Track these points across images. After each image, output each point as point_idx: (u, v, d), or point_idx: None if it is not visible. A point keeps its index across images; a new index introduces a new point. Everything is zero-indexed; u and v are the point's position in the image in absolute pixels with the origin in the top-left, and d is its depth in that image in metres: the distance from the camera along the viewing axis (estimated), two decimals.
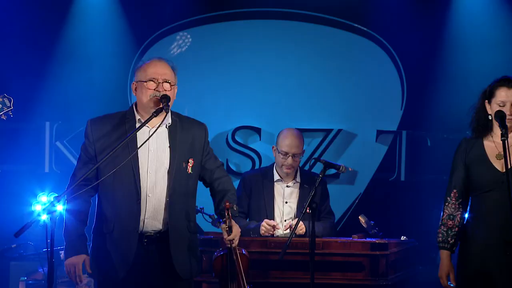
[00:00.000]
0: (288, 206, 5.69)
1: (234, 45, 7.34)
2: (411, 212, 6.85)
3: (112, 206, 4.23)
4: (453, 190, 4.35)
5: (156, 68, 4.25)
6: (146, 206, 4.20)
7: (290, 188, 5.72)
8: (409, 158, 7.20)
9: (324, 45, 7.30)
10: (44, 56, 7.20)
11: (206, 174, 4.41)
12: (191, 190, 4.32)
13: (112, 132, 4.25)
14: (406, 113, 7.24)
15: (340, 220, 7.12)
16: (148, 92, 4.22)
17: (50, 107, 7.21)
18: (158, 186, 4.22)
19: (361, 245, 5.27)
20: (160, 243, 4.21)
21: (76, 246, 4.22)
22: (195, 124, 4.39)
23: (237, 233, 4.31)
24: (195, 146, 4.32)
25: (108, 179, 4.17)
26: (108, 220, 4.22)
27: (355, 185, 7.29)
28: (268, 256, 5.24)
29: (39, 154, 7.29)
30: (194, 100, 7.11)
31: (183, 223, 4.25)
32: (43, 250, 6.08)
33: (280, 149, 5.65)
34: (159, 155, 4.24)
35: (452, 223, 4.34)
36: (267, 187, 5.71)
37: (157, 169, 4.22)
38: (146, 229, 4.21)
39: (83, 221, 4.25)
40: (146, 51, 7.33)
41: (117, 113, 4.37)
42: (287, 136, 5.68)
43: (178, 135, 4.28)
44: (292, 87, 7.29)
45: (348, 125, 7.27)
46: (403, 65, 7.21)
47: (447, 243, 4.33)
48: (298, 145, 5.66)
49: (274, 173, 5.75)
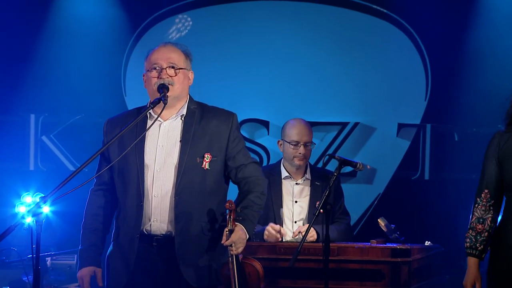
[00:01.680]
0: (298, 205, 5.69)
1: (239, 29, 7.34)
2: (437, 214, 6.85)
3: (121, 210, 4.29)
4: (484, 190, 4.32)
5: (159, 54, 4.26)
6: (152, 208, 4.22)
7: (300, 186, 5.72)
8: (434, 154, 7.19)
9: (340, 28, 7.30)
10: (29, 40, 7.21)
11: (231, 172, 4.36)
12: (210, 187, 4.27)
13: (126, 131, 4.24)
14: (430, 105, 7.23)
15: (357, 224, 7.12)
16: (152, 81, 4.24)
17: (35, 97, 7.22)
18: (164, 185, 4.23)
19: (381, 251, 5.26)
20: (170, 247, 4.22)
21: (86, 257, 4.29)
22: (219, 114, 4.36)
23: (236, 239, 4.22)
24: (216, 138, 4.29)
25: (118, 182, 4.26)
26: (117, 226, 4.30)
27: (374, 184, 7.29)
28: (278, 263, 5.24)
29: (23, 150, 7.30)
30: (195, 90, 7.02)
31: (196, 225, 4.23)
32: (27, 257, 6.08)
33: (290, 140, 5.66)
34: (169, 150, 4.24)
35: (482, 227, 4.31)
36: (275, 185, 5.70)
37: (164, 166, 4.23)
38: (155, 232, 4.23)
39: (97, 229, 4.31)
40: (141, 36, 7.34)
41: (135, 108, 4.40)
42: (295, 125, 5.73)
43: (194, 127, 4.26)
44: (304, 76, 7.29)
45: (366, 118, 7.27)
46: (428, 52, 7.20)
47: (475, 249, 4.31)
48: (308, 133, 5.71)
49: (281, 169, 5.76)
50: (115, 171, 4.29)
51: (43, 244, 3.89)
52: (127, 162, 4.21)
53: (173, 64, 4.23)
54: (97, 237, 4.31)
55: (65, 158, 7.28)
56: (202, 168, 4.24)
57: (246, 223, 4.28)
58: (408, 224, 6.03)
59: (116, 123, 4.34)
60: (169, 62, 4.23)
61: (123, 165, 4.23)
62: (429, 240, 5.53)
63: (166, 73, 4.21)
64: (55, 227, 6.67)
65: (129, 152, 4.17)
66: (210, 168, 4.26)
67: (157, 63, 4.23)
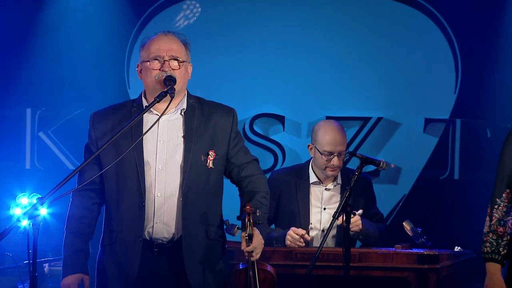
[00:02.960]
0: (327, 213, 5.64)
1: (252, 16, 7.35)
2: (467, 217, 6.83)
3: (116, 212, 4.27)
4: (505, 190, 4.32)
5: (160, 44, 4.26)
6: (154, 209, 4.21)
7: (330, 192, 5.68)
8: (464, 152, 7.18)
9: (360, 16, 7.30)
10: (25, 30, 7.24)
11: (233, 170, 4.40)
12: (213, 188, 4.31)
13: (118, 125, 4.26)
14: (460, 98, 7.22)
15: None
16: (152, 73, 4.23)
17: (32, 90, 7.24)
18: (169, 185, 4.23)
19: (406, 257, 5.25)
20: (173, 253, 4.22)
21: (72, 263, 4.26)
22: (219, 108, 4.38)
23: (258, 244, 4.25)
24: (218, 135, 4.32)
25: (110, 180, 4.23)
26: (112, 229, 4.27)
27: (399, 184, 7.28)
28: (294, 269, 5.23)
29: (18, 148, 7.33)
30: (204, 83, 7.11)
31: (201, 228, 4.25)
32: (23, 263, 6.11)
33: (322, 149, 5.58)
34: (171, 147, 4.25)
35: (503, 230, 4.31)
36: (302, 190, 5.67)
37: (167, 164, 4.23)
38: (156, 236, 4.23)
39: (83, 233, 4.29)
40: (146, 24, 7.35)
41: (125, 102, 4.40)
42: (327, 131, 5.61)
43: (196, 122, 4.28)
44: (322, 67, 7.29)
45: (390, 112, 7.26)
46: (458, 40, 7.19)
47: (498, 253, 4.30)
48: (343, 141, 5.61)
49: (310, 173, 5.72)
50: (108, 173, 4.23)
51: (40, 249, 3.90)
52: (122, 158, 4.16)
53: (176, 56, 4.25)
54: (84, 242, 4.29)
55: (64, 156, 7.31)
56: (206, 167, 4.27)
57: (261, 227, 4.32)
58: (436, 227, 6.03)
59: (104, 116, 4.33)
60: (171, 54, 4.24)
61: (117, 162, 4.17)
62: (459, 245, 5.52)
63: (169, 66, 4.22)
64: (53, 230, 6.67)
65: (125, 148, 4.15)
66: (214, 166, 4.29)
67: (159, 54, 4.23)
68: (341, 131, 5.64)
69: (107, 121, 4.30)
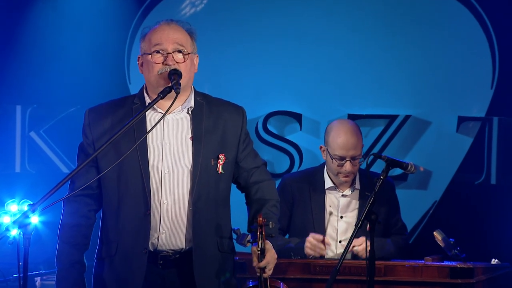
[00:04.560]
0: (344, 222, 5.65)
1: (267, 6, 7.35)
2: (505, 226, 6.83)
3: (116, 221, 4.26)
4: None
5: (163, 34, 4.26)
6: (160, 218, 4.22)
7: (347, 198, 5.69)
8: (501, 154, 7.17)
9: (385, 4, 7.29)
10: (15, 22, 7.27)
11: (242, 175, 4.41)
12: (222, 195, 4.32)
13: (118, 124, 4.25)
14: (498, 94, 7.21)
15: (408, 238, 7.09)
16: (155, 67, 4.23)
17: (22, 86, 7.26)
18: (177, 191, 4.23)
19: (437, 270, 5.26)
20: (181, 266, 4.23)
21: (67, 278, 4.26)
22: (228, 107, 4.39)
23: (271, 260, 4.26)
24: (228, 137, 4.32)
25: (110, 185, 4.23)
26: (111, 240, 4.26)
27: (429, 190, 7.28)
28: (312, 284, 5.24)
29: (7, 149, 7.35)
30: (213, 77, 7.13)
31: (212, 240, 4.26)
32: (13, 276, 6.12)
33: (333, 153, 5.58)
34: (178, 149, 4.25)
35: None
36: (316, 197, 5.68)
37: (174, 168, 4.23)
38: (161, 248, 4.23)
39: (78, 243, 4.29)
40: (148, 13, 7.38)
41: (124, 98, 4.41)
42: (340, 133, 5.62)
43: (205, 122, 4.28)
44: (343, 61, 7.30)
45: (419, 110, 7.26)
46: (496, 32, 7.18)
47: None
48: (356, 144, 5.61)
49: (325, 177, 5.72)
50: (107, 176, 4.23)
51: (31, 262, 3.91)
52: (123, 161, 4.17)
53: (180, 48, 4.24)
54: (79, 253, 4.29)
55: (57, 158, 7.33)
56: (216, 172, 4.27)
57: (273, 240, 4.33)
58: (470, 238, 6.01)
59: (102, 113, 4.33)
60: (176, 45, 4.23)
61: (117, 165, 4.18)
62: (496, 258, 5.52)
63: (172, 59, 4.21)
64: (46, 241, 6.66)
65: (126, 149, 4.15)
66: (224, 171, 4.29)
67: (161, 45, 4.23)
68: (355, 133, 5.62)
69: (105, 119, 4.30)
